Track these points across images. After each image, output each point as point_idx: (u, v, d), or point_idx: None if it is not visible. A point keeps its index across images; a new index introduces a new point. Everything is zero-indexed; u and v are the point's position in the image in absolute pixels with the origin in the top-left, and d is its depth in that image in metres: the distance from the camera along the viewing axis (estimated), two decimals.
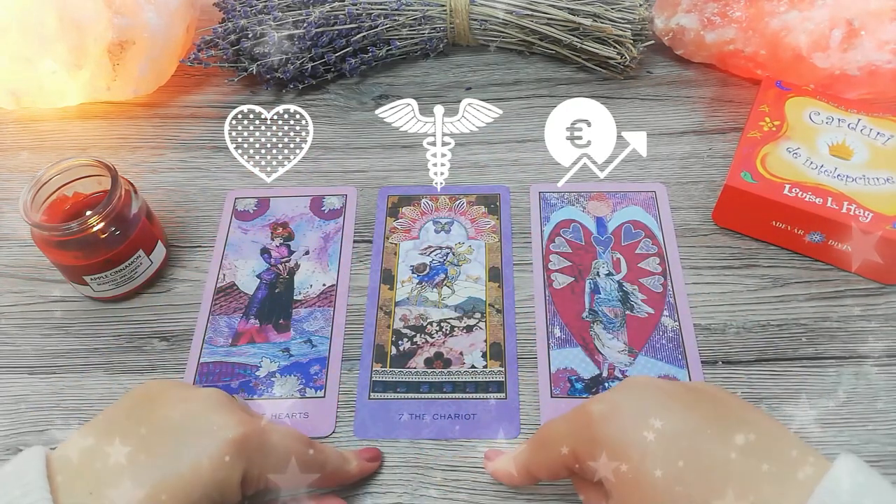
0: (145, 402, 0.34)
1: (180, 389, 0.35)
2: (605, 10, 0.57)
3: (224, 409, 0.33)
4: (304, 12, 0.58)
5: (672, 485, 0.28)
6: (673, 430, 0.30)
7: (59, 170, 0.46)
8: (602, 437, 0.31)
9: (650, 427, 0.30)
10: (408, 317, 0.47)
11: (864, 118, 0.50)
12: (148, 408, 0.33)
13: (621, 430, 0.30)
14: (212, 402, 0.34)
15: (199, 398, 0.34)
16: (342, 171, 0.55)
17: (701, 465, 0.29)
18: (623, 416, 0.31)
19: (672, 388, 0.32)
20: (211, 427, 0.32)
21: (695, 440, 0.29)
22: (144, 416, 0.33)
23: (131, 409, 0.33)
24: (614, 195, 0.52)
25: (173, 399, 0.34)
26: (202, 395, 0.34)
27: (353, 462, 0.39)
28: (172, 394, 0.34)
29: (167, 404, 0.33)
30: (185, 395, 0.34)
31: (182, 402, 0.33)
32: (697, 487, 0.28)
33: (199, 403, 0.33)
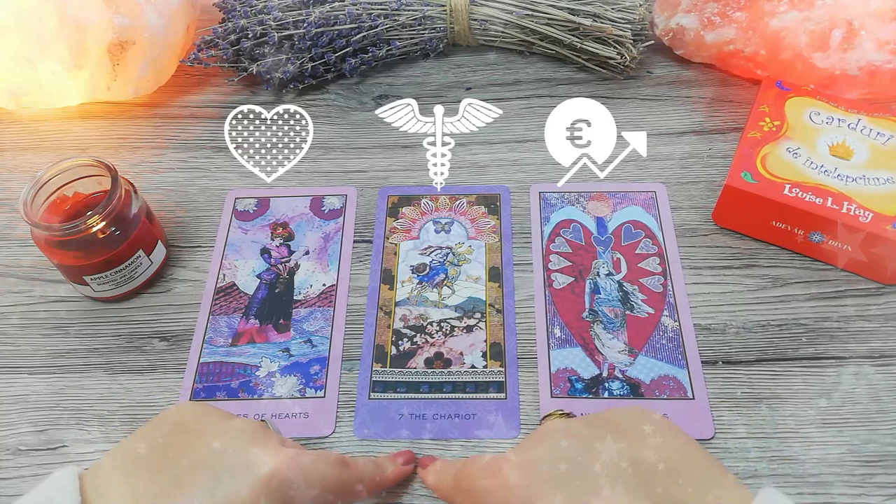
0: (178, 431, 0.33)
1: (215, 421, 0.34)
2: (605, 11, 0.57)
3: (258, 444, 0.33)
4: (304, 12, 0.58)
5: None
6: (591, 491, 0.30)
7: (59, 170, 0.46)
8: (519, 502, 0.31)
9: (567, 491, 0.30)
10: (408, 317, 0.47)
11: (864, 118, 0.50)
12: (182, 438, 0.33)
13: (538, 496, 0.30)
14: (246, 436, 0.33)
15: (233, 432, 0.33)
16: (342, 171, 0.55)
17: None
18: (540, 481, 0.31)
19: (588, 435, 0.32)
20: (245, 464, 0.32)
21: (612, 498, 0.29)
22: (178, 447, 0.32)
23: (165, 439, 0.33)
24: (614, 195, 0.52)
25: (207, 432, 0.33)
26: (236, 428, 0.34)
27: (389, 468, 0.38)
28: (206, 425, 0.34)
29: (202, 436, 0.33)
30: (220, 428, 0.34)
31: (217, 435, 0.33)
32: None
33: (233, 438, 0.33)
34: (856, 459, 0.40)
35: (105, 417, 0.43)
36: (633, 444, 0.31)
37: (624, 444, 0.31)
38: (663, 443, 0.32)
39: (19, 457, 0.42)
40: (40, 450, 0.42)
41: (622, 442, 0.32)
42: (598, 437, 0.32)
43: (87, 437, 0.42)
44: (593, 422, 0.34)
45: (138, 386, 0.45)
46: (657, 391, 0.43)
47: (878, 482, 0.39)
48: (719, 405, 0.42)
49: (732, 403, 0.42)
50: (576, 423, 0.34)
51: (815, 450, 0.40)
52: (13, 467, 0.41)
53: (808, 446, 0.40)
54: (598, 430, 0.33)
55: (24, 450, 0.42)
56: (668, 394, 0.43)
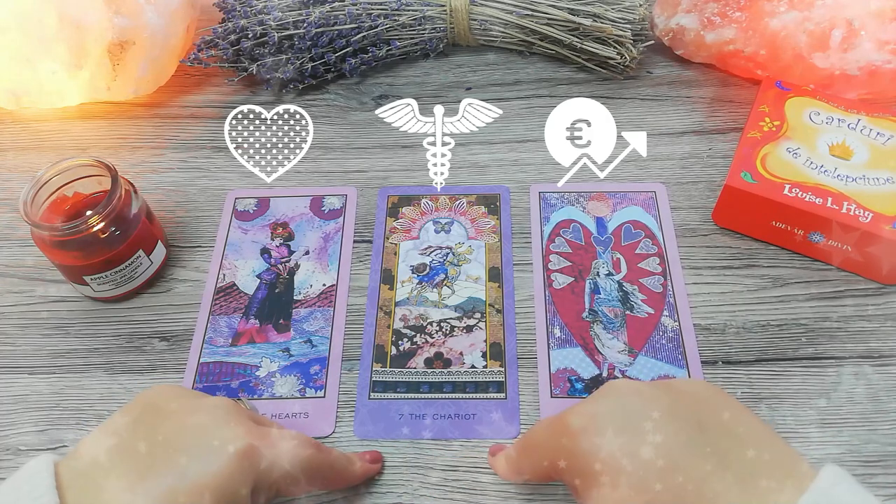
0: (151, 412, 0.33)
1: (187, 400, 0.35)
2: (605, 10, 0.57)
3: (231, 421, 0.33)
4: (304, 12, 0.58)
5: (648, 502, 0.29)
6: (651, 445, 0.29)
7: (59, 170, 0.46)
8: (579, 452, 0.31)
9: (628, 442, 0.30)
10: (408, 317, 0.47)
11: (864, 118, 0.50)
12: (154, 419, 0.33)
13: (598, 447, 0.30)
14: (219, 413, 0.33)
15: (205, 409, 0.34)
16: (342, 171, 0.55)
17: (677, 482, 0.29)
18: (600, 431, 0.31)
19: (652, 394, 0.32)
20: (218, 440, 0.32)
21: (672, 456, 0.29)
22: (151, 428, 0.33)
23: (137, 420, 0.33)
24: (614, 195, 0.52)
25: (181, 410, 0.33)
26: (209, 405, 0.34)
27: (357, 463, 0.39)
28: (179, 404, 0.34)
29: (174, 416, 0.33)
30: (192, 406, 0.34)
31: (189, 413, 0.33)
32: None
33: (206, 415, 0.33)
34: (856, 459, 0.40)
35: (105, 417, 0.43)
36: (694, 408, 0.31)
37: (685, 407, 0.31)
38: (724, 410, 0.31)
39: (19, 457, 0.42)
40: (40, 450, 0.42)
41: (683, 404, 0.31)
42: (659, 396, 0.32)
43: None
44: (656, 384, 0.33)
45: (138, 386, 0.45)
46: None
47: (878, 482, 0.39)
48: None
49: None
50: (638, 383, 0.34)
51: (815, 450, 0.40)
52: (13, 467, 0.41)
53: (808, 446, 0.40)
54: (660, 390, 0.32)
55: (24, 450, 0.42)
56: None
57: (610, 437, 0.30)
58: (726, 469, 0.29)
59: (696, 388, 0.33)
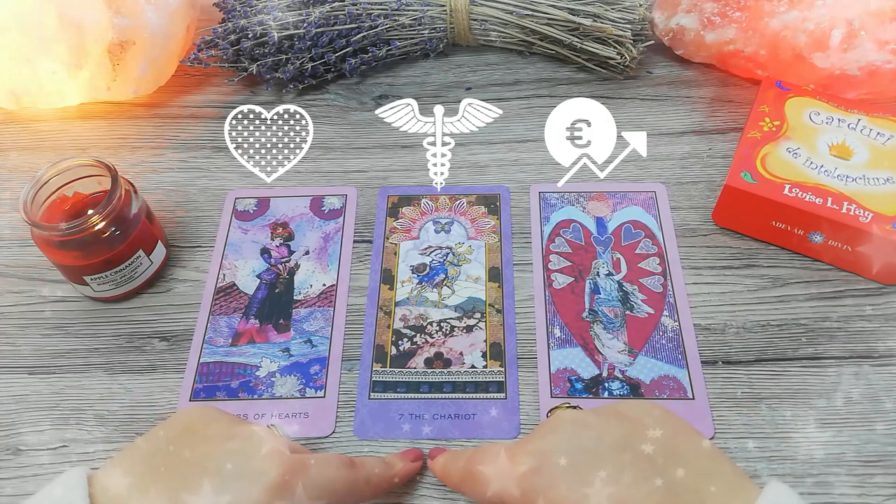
0: (187, 436, 0.34)
1: (224, 425, 0.35)
2: (605, 10, 0.57)
3: (266, 450, 0.33)
4: (304, 12, 0.58)
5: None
6: (600, 487, 0.30)
7: (59, 170, 0.46)
8: (530, 490, 0.31)
9: (578, 479, 0.30)
10: (408, 317, 0.47)
11: (864, 118, 0.50)
12: (190, 444, 0.33)
13: (549, 485, 0.31)
14: (254, 442, 0.33)
15: (242, 437, 0.34)
16: (342, 171, 0.55)
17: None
18: (550, 467, 0.31)
19: (599, 425, 0.32)
20: (252, 471, 0.32)
21: (622, 490, 0.30)
22: (186, 454, 0.33)
23: (175, 442, 0.33)
24: (614, 195, 0.52)
25: (216, 437, 0.33)
26: (244, 433, 0.34)
27: (398, 465, 0.39)
28: (215, 430, 0.34)
29: (211, 441, 0.33)
30: (228, 434, 0.34)
31: (225, 440, 0.33)
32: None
33: (241, 443, 0.33)
34: (856, 459, 0.40)
35: (105, 417, 0.43)
36: (639, 434, 0.32)
37: (630, 434, 0.32)
38: (671, 435, 0.32)
39: (19, 457, 0.42)
40: (40, 450, 0.42)
41: (629, 432, 0.32)
42: (607, 428, 0.32)
43: (87, 437, 0.42)
44: (602, 413, 0.34)
45: (138, 386, 0.45)
46: (657, 391, 0.43)
47: (878, 482, 0.39)
48: (719, 405, 0.42)
49: (732, 403, 0.42)
50: (584, 414, 0.34)
51: (815, 450, 0.40)
52: (13, 467, 0.41)
53: (808, 446, 0.40)
54: (606, 420, 0.33)
55: (24, 450, 0.42)
56: (668, 394, 0.43)
57: (562, 472, 0.31)
58: (676, 496, 0.29)
59: (641, 411, 0.33)
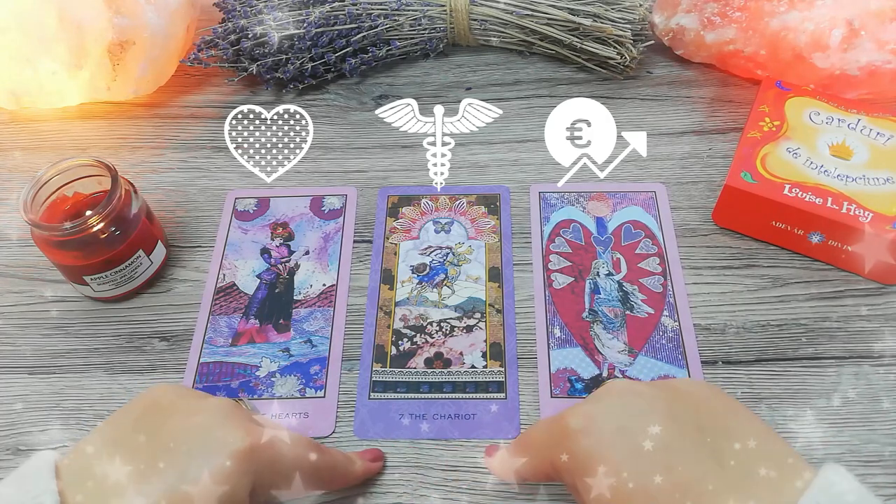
0: (153, 411, 0.34)
1: (188, 399, 0.35)
2: (605, 10, 0.57)
3: (231, 422, 0.33)
4: (304, 12, 0.58)
5: (648, 502, 0.28)
6: (650, 446, 0.30)
7: (59, 170, 0.46)
8: (578, 453, 0.31)
9: (626, 443, 0.30)
10: (408, 317, 0.47)
11: (864, 118, 0.50)
12: (156, 419, 0.33)
13: (597, 446, 0.30)
14: (219, 414, 0.33)
15: (206, 410, 0.33)
16: (342, 171, 0.55)
17: (677, 482, 0.29)
18: (599, 430, 0.31)
19: (651, 395, 0.32)
20: (218, 441, 0.32)
21: (672, 456, 0.29)
22: (152, 427, 0.33)
23: (138, 420, 0.33)
24: (614, 195, 0.52)
25: (181, 410, 0.33)
26: (210, 406, 0.34)
27: (358, 463, 0.39)
28: (180, 404, 0.34)
29: (175, 416, 0.33)
30: (193, 407, 0.34)
31: (190, 414, 0.33)
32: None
33: (207, 416, 0.33)
34: (856, 459, 0.40)
35: (105, 417, 0.43)
36: (692, 408, 0.31)
37: (683, 407, 0.31)
38: (724, 410, 0.31)
39: (19, 457, 0.42)
40: (40, 450, 0.42)
41: (681, 405, 0.31)
42: (659, 397, 0.32)
43: None
44: (655, 384, 0.34)
45: (138, 386, 0.45)
46: None
47: (878, 482, 0.39)
48: None
49: None
50: (638, 384, 0.34)
51: (816, 450, 0.40)
52: (13, 467, 0.41)
53: (808, 446, 0.40)
54: (659, 391, 0.32)
55: (24, 450, 0.42)
56: None
57: (611, 435, 0.30)
58: (725, 468, 0.29)
59: (695, 388, 0.33)
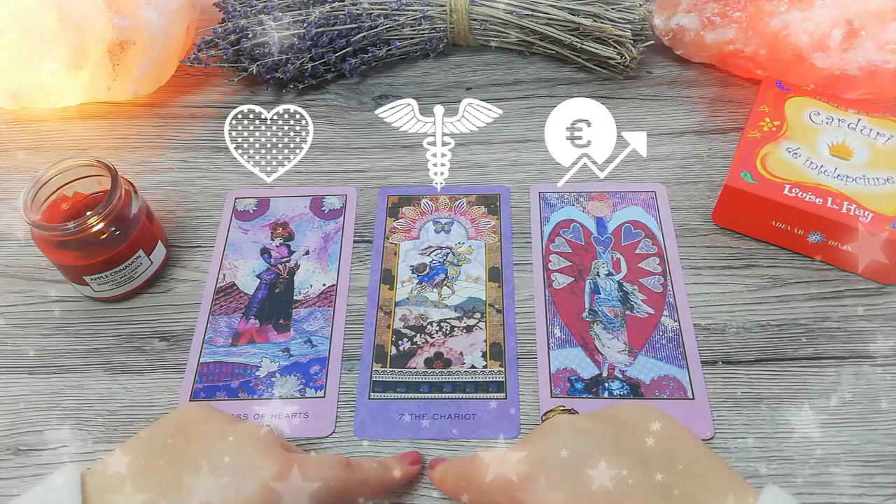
0: (182, 433, 0.34)
1: (217, 423, 0.35)
2: (605, 10, 0.57)
3: (261, 448, 0.33)
4: (304, 12, 0.58)
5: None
6: (597, 486, 0.30)
7: (59, 170, 0.46)
8: (526, 501, 0.31)
9: (574, 486, 0.30)
10: (408, 317, 0.47)
11: (864, 118, 0.50)
12: (184, 441, 0.33)
13: (544, 493, 0.31)
14: (250, 439, 0.33)
15: (237, 435, 0.33)
16: (342, 171, 0.55)
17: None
18: (546, 475, 0.31)
19: (595, 431, 0.32)
20: (247, 468, 0.32)
21: (620, 496, 0.29)
22: (181, 449, 0.33)
23: (168, 440, 0.33)
24: (614, 195, 0.52)
25: (211, 434, 0.33)
26: (240, 431, 0.34)
27: (396, 468, 0.38)
28: (211, 427, 0.34)
29: (205, 439, 0.33)
30: (224, 431, 0.34)
31: (220, 438, 0.33)
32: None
33: (237, 441, 0.33)
34: (856, 459, 0.40)
35: (105, 417, 0.43)
36: (636, 438, 0.32)
37: (627, 438, 0.32)
38: (666, 438, 0.32)
39: (19, 457, 0.42)
40: (40, 450, 0.42)
41: (626, 437, 0.32)
42: (603, 432, 0.32)
43: (87, 437, 0.42)
44: (597, 417, 0.34)
45: (138, 386, 0.45)
46: (657, 391, 0.43)
47: (878, 482, 0.39)
48: (719, 405, 0.42)
49: (732, 403, 0.42)
50: (580, 419, 0.34)
51: (815, 450, 0.40)
52: (13, 467, 0.41)
53: (808, 446, 0.40)
54: (602, 424, 0.33)
55: (24, 450, 0.42)
56: (668, 394, 0.43)
57: (558, 480, 0.31)
58: (672, 499, 0.29)
59: (637, 415, 0.33)
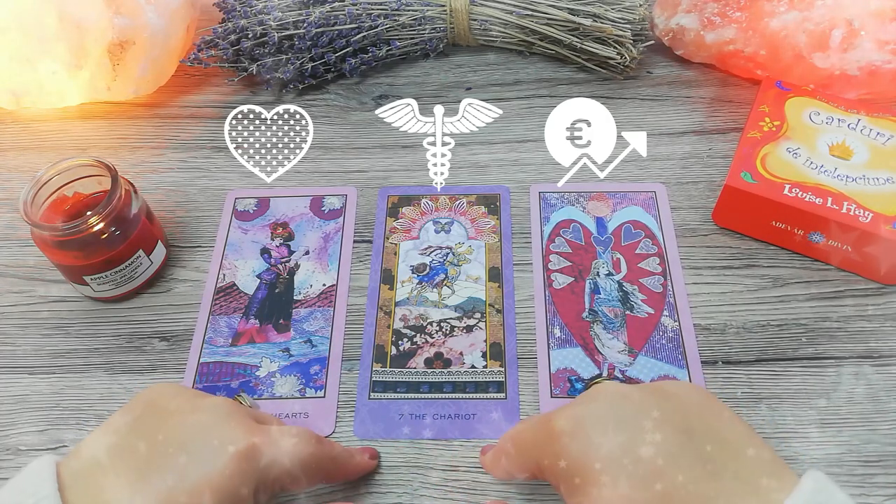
0: (152, 411, 0.33)
1: (187, 399, 0.34)
2: (605, 11, 0.57)
3: (231, 420, 0.33)
4: (304, 12, 0.58)
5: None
6: (650, 447, 0.30)
7: (59, 170, 0.46)
8: (565, 456, 0.31)
9: (627, 442, 0.30)
10: (408, 317, 0.47)
11: (864, 118, 0.50)
12: (155, 418, 0.33)
13: (584, 450, 0.30)
14: (220, 413, 0.33)
15: (206, 409, 0.33)
16: (342, 171, 0.55)
17: (676, 484, 0.29)
18: (587, 434, 0.31)
19: (640, 398, 0.32)
20: (218, 440, 0.32)
21: (662, 461, 0.29)
22: (152, 427, 0.33)
23: (138, 420, 0.33)
24: (614, 195, 0.52)
25: (181, 410, 0.33)
26: (209, 405, 0.34)
27: (357, 457, 0.39)
28: (180, 404, 0.34)
29: (175, 415, 0.33)
30: (193, 406, 0.34)
31: (190, 413, 0.33)
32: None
33: (207, 415, 0.33)
34: (856, 459, 0.40)
35: (105, 417, 0.43)
36: (681, 412, 0.31)
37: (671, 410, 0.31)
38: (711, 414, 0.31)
39: (19, 457, 0.42)
40: (40, 450, 0.42)
41: (671, 407, 0.31)
42: (647, 401, 0.32)
43: None
44: (643, 388, 0.33)
45: (138, 386, 0.45)
46: None
47: (878, 482, 0.39)
48: None
49: (732, 403, 0.42)
50: (626, 387, 0.33)
51: (815, 450, 0.40)
52: (13, 467, 0.41)
53: (808, 446, 0.40)
54: (647, 394, 0.32)
55: (24, 450, 0.42)
56: None
57: (598, 440, 0.30)
58: (719, 472, 0.29)
59: (683, 390, 0.33)
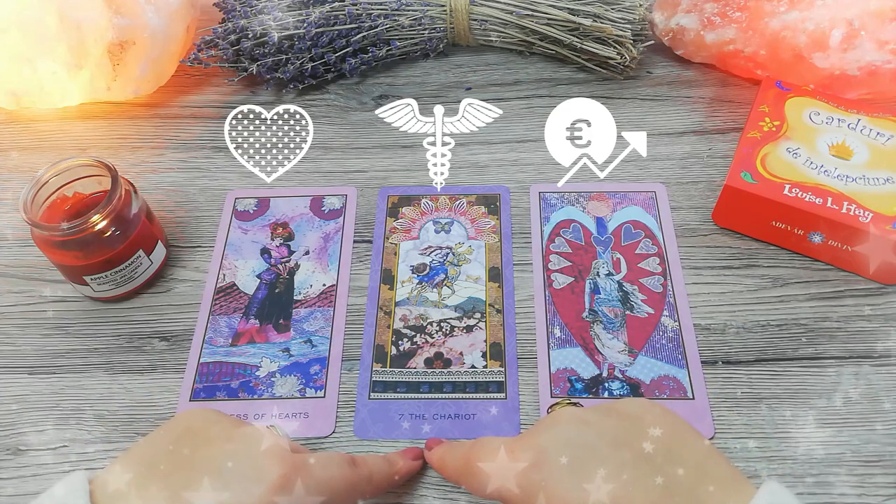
0: (188, 437, 0.34)
1: (224, 426, 0.35)
2: (605, 11, 0.57)
3: (267, 451, 0.33)
4: (304, 12, 0.58)
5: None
6: (599, 484, 0.30)
7: (59, 170, 0.46)
8: (527, 486, 0.31)
9: (576, 476, 0.30)
10: (408, 317, 0.47)
11: (864, 118, 0.50)
12: (190, 445, 0.33)
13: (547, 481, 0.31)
14: (255, 442, 0.33)
15: (242, 438, 0.34)
16: (342, 171, 0.55)
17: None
18: (548, 464, 0.31)
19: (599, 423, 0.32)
20: (254, 471, 0.32)
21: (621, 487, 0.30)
22: (187, 454, 0.33)
23: (173, 445, 0.33)
24: (614, 195, 0.52)
25: (217, 438, 0.33)
26: (246, 434, 0.34)
27: (399, 463, 0.39)
28: (216, 431, 0.34)
29: (211, 443, 0.33)
30: (229, 435, 0.34)
31: (226, 441, 0.33)
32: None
33: (243, 444, 0.33)
34: (856, 459, 0.40)
35: (105, 417, 0.43)
36: (639, 432, 0.32)
37: (630, 432, 0.32)
38: (668, 433, 0.32)
39: (19, 457, 0.42)
40: (40, 450, 0.42)
41: (628, 429, 0.32)
42: (606, 425, 0.32)
43: (87, 437, 0.42)
44: (601, 410, 0.34)
45: (138, 386, 0.45)
46: (657, 391, 0.43)
47: (877, 482, 0.39)
48: (719, 405, 0.42)
49: (732, 403, 0.42)
50: (583, 411, 0.34)
51: (815, 450, 0.40)
52: (13, 467, 0.41)
53: (808, 446, 0.40)
54: (605, 418, 0.33)
55: (24, 450, 0.42)
56: (668, 394, 0.43)
57: (560, 469, 0.31)
58: (673, 495, 0.29)
59: (640, 410, 0.33)
